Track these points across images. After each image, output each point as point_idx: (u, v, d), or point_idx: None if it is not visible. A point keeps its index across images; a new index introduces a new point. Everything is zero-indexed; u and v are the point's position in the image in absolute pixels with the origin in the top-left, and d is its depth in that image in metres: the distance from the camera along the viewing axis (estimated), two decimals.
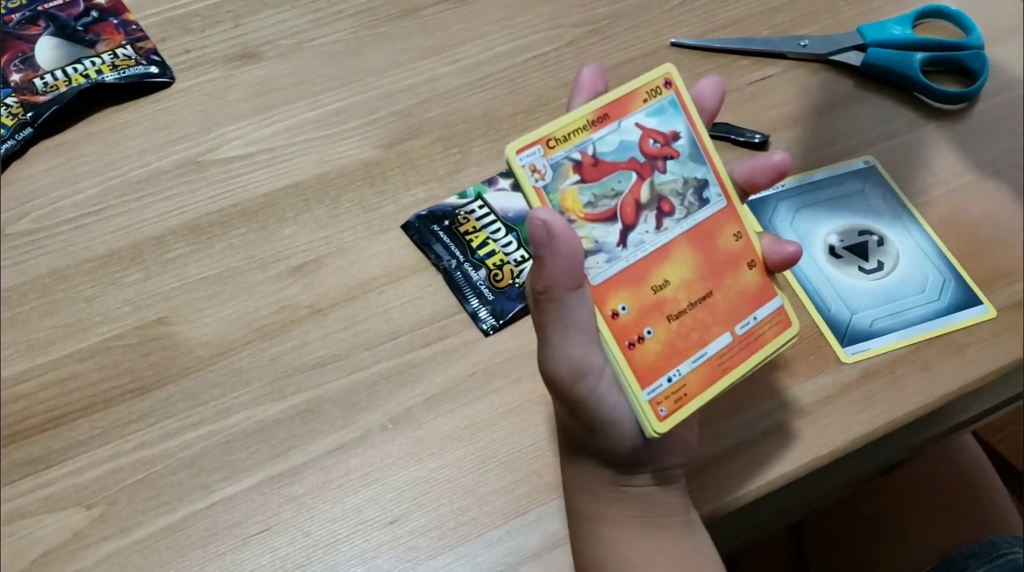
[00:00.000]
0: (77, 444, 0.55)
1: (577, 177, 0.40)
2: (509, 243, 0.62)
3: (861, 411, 0.56)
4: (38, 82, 0.70)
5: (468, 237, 0.62)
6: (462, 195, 0.65)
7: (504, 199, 0.64)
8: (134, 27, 0.75)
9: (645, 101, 0.42)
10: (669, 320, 0.41)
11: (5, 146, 0.68)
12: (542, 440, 0.55)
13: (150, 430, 0.56)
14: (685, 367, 0.41)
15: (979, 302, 0.60)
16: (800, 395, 0.57)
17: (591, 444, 0.43)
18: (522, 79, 0.73)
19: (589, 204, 0.40)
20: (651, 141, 0.42)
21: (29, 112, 0.69)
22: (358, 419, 0.56)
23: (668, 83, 0.43)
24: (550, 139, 0.40)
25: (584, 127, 0.40)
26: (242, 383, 0.57)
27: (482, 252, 0.61)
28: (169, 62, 0.74)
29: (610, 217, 0.40)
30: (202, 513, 0.53)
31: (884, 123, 0.71)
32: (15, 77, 0.71)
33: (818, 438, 0.55)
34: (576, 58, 0.75)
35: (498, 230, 0.62)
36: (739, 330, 0.43)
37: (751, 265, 0.44)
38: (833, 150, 0.68)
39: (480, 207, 0.64)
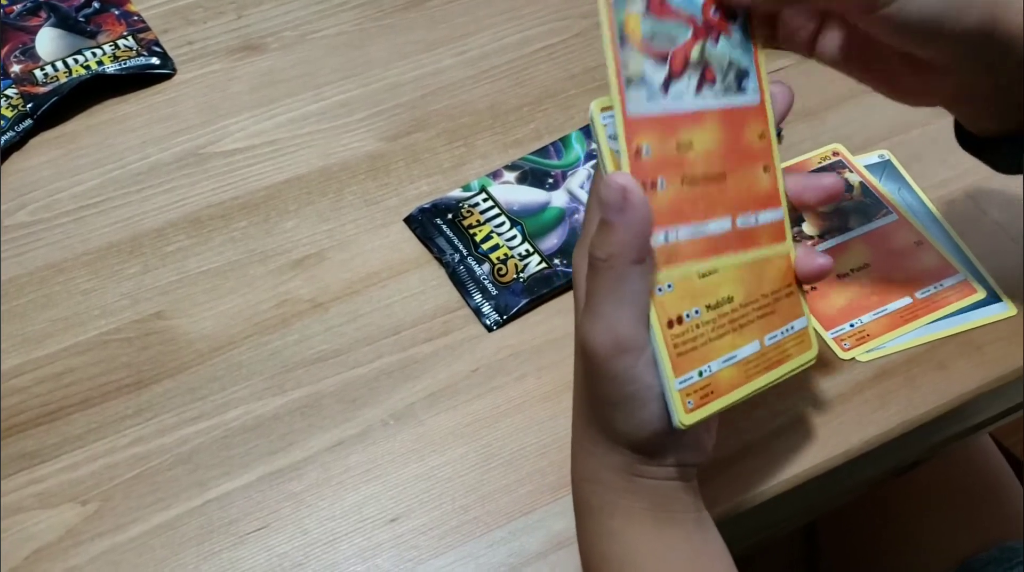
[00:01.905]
0: (72, 439, 0.54)
1: (644, 5, 0.40)
2: (513, 237, 0.60)
3: (876, 410, 0.54)
4: (38, 73, 0.70)
5: (472, 231, 0.61)
6: (466, 188, 0.63)
7: (509, 192, 0.63)
8: (135, 18, 0.75)
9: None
10: (688, 190, 0.41)
11: (4, 137, 0.67)
12: (546, 438, 0.54)
13: (147, 425, 0.54)
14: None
15: (999, 299, 0.58)
16: (814, 393, 0.55)
17: (612, 425, 0.42)
18: (529, 71, 0.72)
19: (647, 36, 0.40)
20: (712, 9, 0.42)
21: (29, 103, 0.68)
22: (359, 415, 0.55)
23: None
24: None
25: None
26: (241, 377, 0.56)
27: (486, 246, 0.60)
28: (171, 54, 0.73)
29: (661, 58, 0.40)
30: (198, 510, 0.52)
31: (900, 116, 0.69)
32: (15, 68, 0.70)
33: (832, 437, 0.54)
34: (584, 49, 0.73)
35: (502, 224, 0.61)
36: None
37: (766, 169, 0.44)
38: (848, 144, 0.67)
39: (484, 200, 0.62)
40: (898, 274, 0.59)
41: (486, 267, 0.59)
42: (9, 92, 0.69)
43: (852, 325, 0.57)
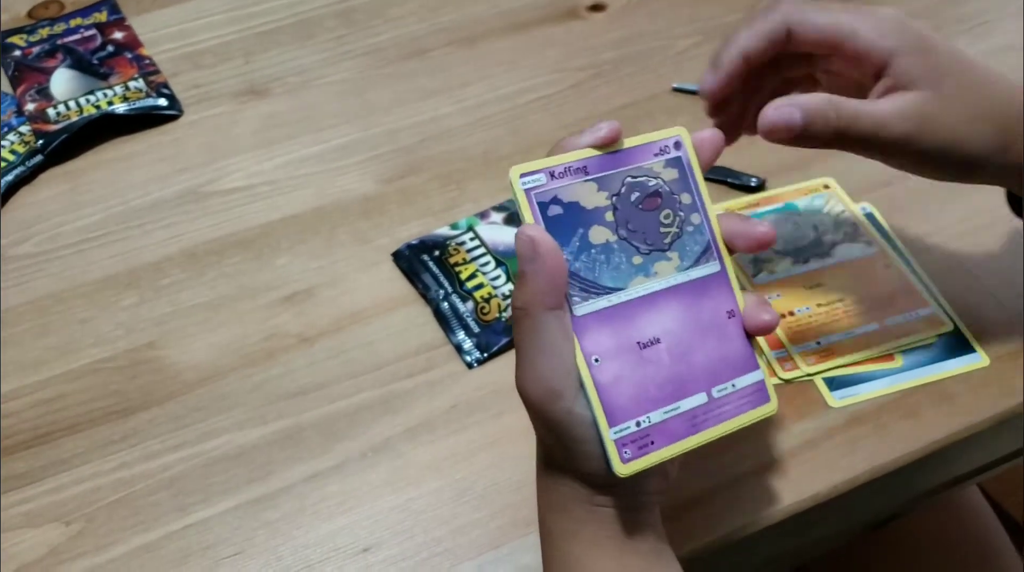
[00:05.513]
0: (60, 462, 0.56)
1: None
2: (498, 277, 0.62)
3: (845, 456, 0.55)
4: (51, 111, 0.73)
5: (457, 269, 0.62)
6: (454, 226, 0.65)
7: (495, 232, 0.64)
8: (147, 62, 0.78)
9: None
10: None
11: (15, 171, 0.69)
12: (520, 474, 0.55)
13: (132, 451, 0.56)
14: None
15: (972, 350, 0.59)
16: (784, 438, 0.56)
17: (567, 462, 0.43)
18: (523, 119, 0.74)
19: None
20: None
21: (40, 140, 0.71)
22: (338, 447, 0.56)
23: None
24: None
25: None
26: (226, 408, 0.58)
27: (470, 284, 0.62)
28: (179, 96, 0.76)
29: None
30: (177, 534, 0.53)
31: (883, 170, 0.70)
32: (30, 106, 0.73)
33: (799, 482, 0.54)
34: (579, 100, 0.76)
35: (488, 263, 0.63)
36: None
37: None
38: None
39: (471, 239, 0.64)
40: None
41: (469, 305, 0.61)
42: (23, 129, 0.72)
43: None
